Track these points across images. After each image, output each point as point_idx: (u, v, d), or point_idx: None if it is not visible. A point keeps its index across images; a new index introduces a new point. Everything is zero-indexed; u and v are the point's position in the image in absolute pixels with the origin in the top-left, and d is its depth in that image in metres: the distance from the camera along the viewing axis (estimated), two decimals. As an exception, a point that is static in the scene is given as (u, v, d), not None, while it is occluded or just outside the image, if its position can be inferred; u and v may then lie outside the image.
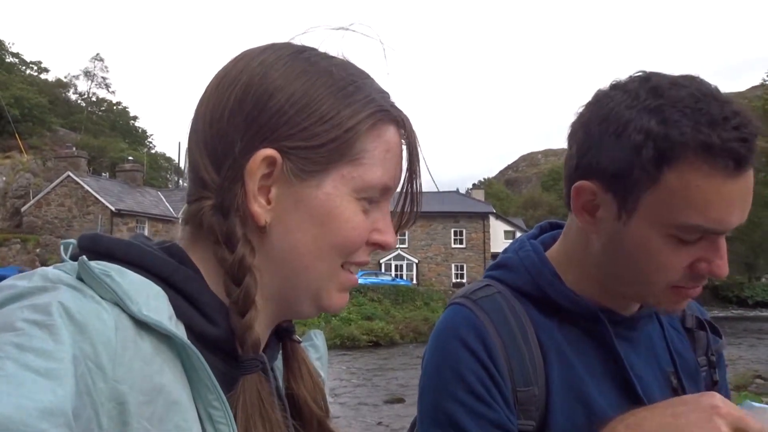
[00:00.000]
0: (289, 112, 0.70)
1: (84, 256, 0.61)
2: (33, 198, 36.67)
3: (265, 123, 0.70)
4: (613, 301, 1.07)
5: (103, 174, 42.59)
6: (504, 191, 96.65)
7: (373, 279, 37.31)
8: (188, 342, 0.62)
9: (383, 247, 0.76)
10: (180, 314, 0.65)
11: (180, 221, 0.78)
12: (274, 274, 0.73)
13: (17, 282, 0.57)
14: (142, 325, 0.60)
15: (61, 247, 0.68)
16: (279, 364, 0.84)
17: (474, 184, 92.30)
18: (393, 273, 42.83)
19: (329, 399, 0.94)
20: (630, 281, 1.00)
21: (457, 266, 45.43)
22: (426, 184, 0.82)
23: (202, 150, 0.72)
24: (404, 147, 0.77)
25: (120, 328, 0.57)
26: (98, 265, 0.60)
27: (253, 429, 0.66)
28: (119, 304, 0.59)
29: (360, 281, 35.53)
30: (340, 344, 26.09)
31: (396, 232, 0.80)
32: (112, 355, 0.55)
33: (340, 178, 0.72)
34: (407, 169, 0.78)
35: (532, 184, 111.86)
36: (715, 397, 0.86)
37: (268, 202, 0.71)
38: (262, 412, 0.68)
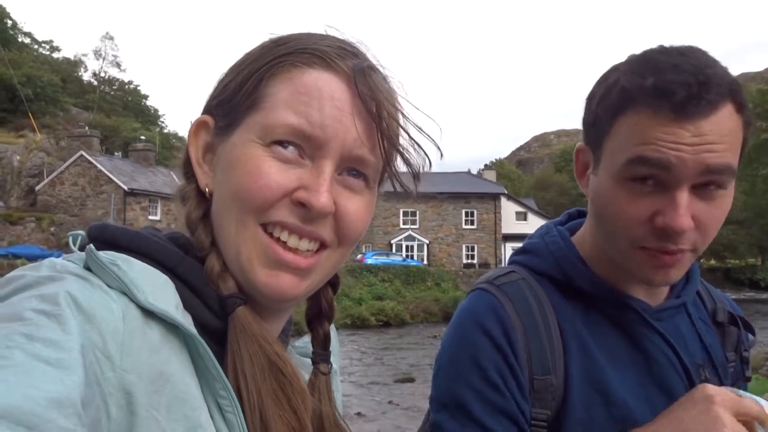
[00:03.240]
0: (218, 79, 0.78)
1: (91, 245, 0.61)
2: (47, 177, 36.93)
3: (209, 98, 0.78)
4: (638, 290, 1.05)
5: (116, 153, 42.69)
6: (516, 172, 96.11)
7: (383, 259, 37.47)
8: (194, 331, 0.62)
9: (308, 207, 0.68)
10: (185, 304, 0.66)
11: None
12: (218, 239, 0.73)
13: (26, 272, 0.58)
14: (150, 314, 0.60)
15: (70, 239, 0.69)
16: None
17: (486, 165, 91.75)
18: (404, 253, 42.87)
19: (340, 378, 0.95)
20: (609, 242, 1.00)
21: (467, 247, 45.40)
22: (435, 164, 0.78)
23: None
24: (359, 98, 0.70)
25: (128, 318, 0.57)
26: (106, 255, 0.61)
27: (239, 365, 0.66)
28: (126, 293, 0.59)
29: (370, 261, 35.82)
30: (350, 324, 26.24)
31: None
32: (119, 345, 0.55)
33: (245, 128, 0.71)
34: (376, 122, 0.70)
35: (545, 164, 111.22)
36: (706, 388, 0.86)
37: (211, 169, 0.75)
38: (249, 347, 0.67)
